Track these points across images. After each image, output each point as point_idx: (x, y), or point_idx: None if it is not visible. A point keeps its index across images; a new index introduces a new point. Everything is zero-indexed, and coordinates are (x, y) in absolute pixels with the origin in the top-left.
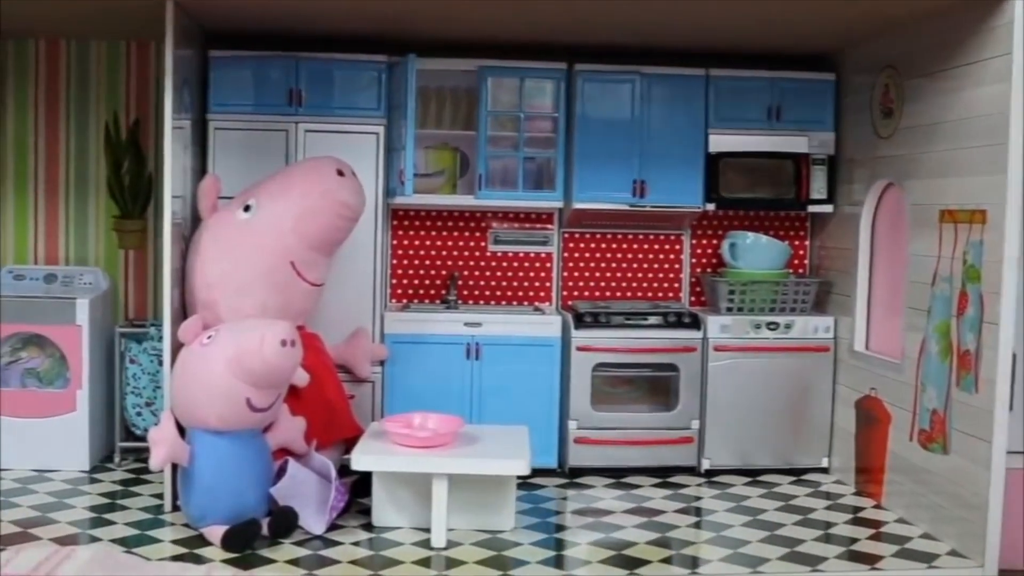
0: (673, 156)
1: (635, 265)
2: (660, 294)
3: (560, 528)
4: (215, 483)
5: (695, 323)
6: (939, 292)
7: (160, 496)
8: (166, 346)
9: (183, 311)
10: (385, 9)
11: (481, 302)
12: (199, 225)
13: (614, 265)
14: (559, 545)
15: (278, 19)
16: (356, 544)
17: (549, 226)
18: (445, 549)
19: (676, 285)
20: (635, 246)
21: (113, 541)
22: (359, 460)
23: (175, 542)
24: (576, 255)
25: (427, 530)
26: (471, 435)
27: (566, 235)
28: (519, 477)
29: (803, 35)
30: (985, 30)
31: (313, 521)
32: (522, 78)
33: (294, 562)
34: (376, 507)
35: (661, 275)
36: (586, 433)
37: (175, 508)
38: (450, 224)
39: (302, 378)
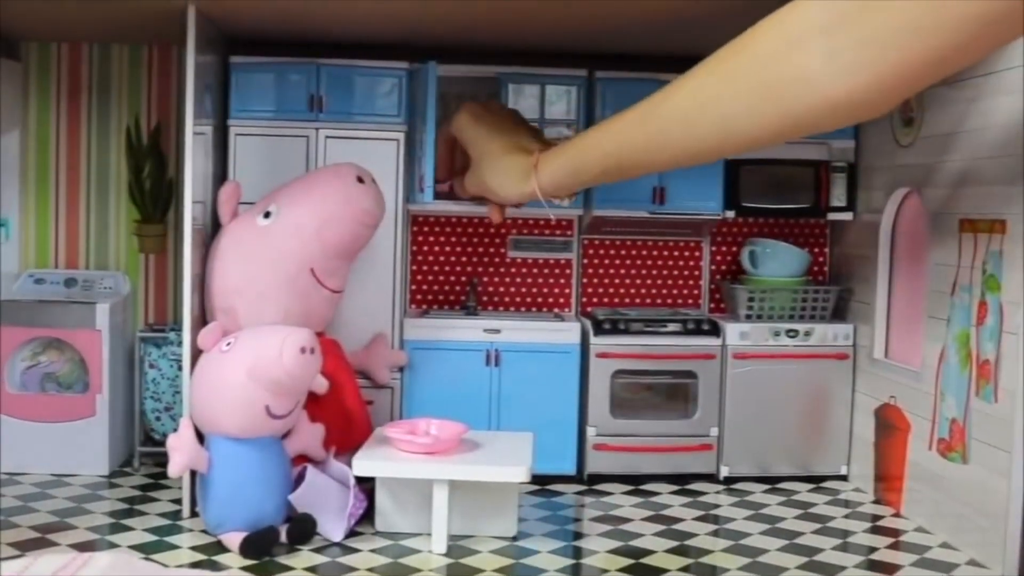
0: None
1: (655, 272)
2: (679, 301)
3: (578, 535)
4: (234, 490)
5: (714, 330)
6: (959, 301)
7: (178, 502)
8: (185, 352)
9: (203, 316)
10: (406, 16)
11: (501, 308)
12: (219, 231)
13: (633, 272)
14: (577, 553)
15: (299, 25)
16: (374, 551)
17: (569, 233)
18: (459, 557)
19: (695, 292)
20: (655, 253)
21: (131, 547)
22: (359, 465)
23: (193, 548)
24: (596, 262)
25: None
26: (474, 441)
27: (586, 242)
28: (536, 483)
29: None
30: None
31: (332, 528)
32: (542, 84)
33: (312, 569)
34: (379, 513)
35: (680, 282)
36: (605, 440)
37: (193, 514)
38: (470, 230)
39: (321, 385)
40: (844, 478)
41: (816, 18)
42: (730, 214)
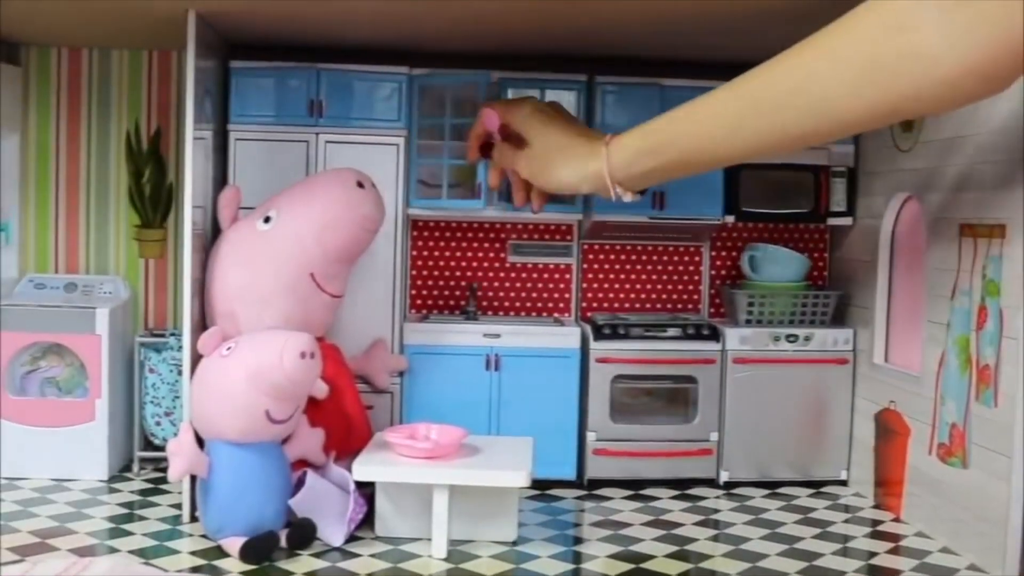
0: None
1: (654, 277)
2: (679, 306)
3: (578, 540)
4: (234, 495)
5: (714, 335)
6: (958, 306)
7: (178, 507)
8: (185, 356)
9: (203, 321)
10: (406, 20)
11: (500, 313)
12: (219, 235)
13: (633, 277)
14: (577, 558)
15: (299, 30)
16: (374, 556)
17: (568, 238)
18: (459, 561)
19: (695, 297)
20: (654, 258)
21: (131, 552)
22: (359, 470)
23: (193, 553)
24: (595, 267)
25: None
26: (474, 446)
27: (585, 246)
28: (536, 488)
29: None
30: None
31: (332, 533)
32: (543, 89)
33: (312, 574)
34: (379, 517)
35: (680, 287)
36: (605, 445)
37: (193, 519)
38: (470, 235)
39: (321, 389)
40: (844, 483)
41: None
42: (730, 219)
